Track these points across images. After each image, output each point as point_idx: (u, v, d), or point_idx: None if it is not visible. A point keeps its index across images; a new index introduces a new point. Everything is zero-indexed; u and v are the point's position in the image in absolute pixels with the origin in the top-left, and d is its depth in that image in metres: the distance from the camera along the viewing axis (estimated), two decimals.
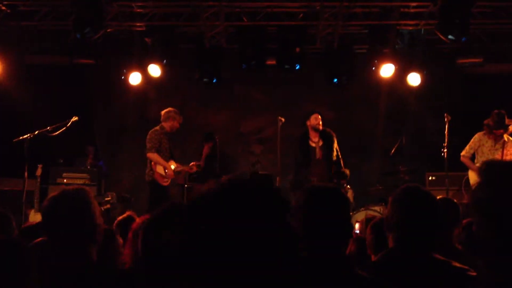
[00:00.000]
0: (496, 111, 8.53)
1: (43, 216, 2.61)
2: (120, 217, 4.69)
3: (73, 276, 2.51)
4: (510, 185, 1.72)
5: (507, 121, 8.48)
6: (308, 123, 8.89)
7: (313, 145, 8.83)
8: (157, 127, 8.64)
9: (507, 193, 1.70)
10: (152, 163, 8.53)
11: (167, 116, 8.64)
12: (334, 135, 8.93)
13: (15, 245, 2.44)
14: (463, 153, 8.85)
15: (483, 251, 1.79)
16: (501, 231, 1.70)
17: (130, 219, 4.54)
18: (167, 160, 8.60)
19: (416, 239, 2.66)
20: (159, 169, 8.52)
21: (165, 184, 8.56)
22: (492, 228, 1.72)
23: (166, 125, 8.62)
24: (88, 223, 2.56)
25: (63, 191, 2.60)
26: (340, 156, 8.89)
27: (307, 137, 8.87)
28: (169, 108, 8.76)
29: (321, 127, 8.85)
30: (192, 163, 9.08)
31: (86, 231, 2.55)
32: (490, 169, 1.84)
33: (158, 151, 8.49)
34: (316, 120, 8.83)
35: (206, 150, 10.52)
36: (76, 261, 2.51)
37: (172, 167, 8.66)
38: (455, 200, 3.94)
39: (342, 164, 8.85)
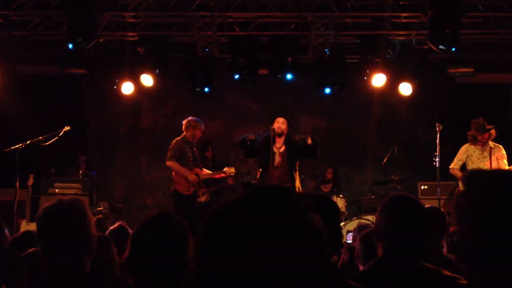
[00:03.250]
0: (474, 120, 8.68)
1: (37, 225, 2.60)
2: (112, 227, 4.69)
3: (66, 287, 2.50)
4: (492, 194, 1.73)
5: (487, 126, 8.59)
6: (271, 127, 8.54)
7: (275, 150, 8.45)
8: (179, 137, 8.54)
9: (489, 202, 1.71)
10: (173, 173, 8.43)
11: (187, 125, 8.57)
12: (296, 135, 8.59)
13: (6, 253, 2.44)
14: (451, 165, 8.91)
15: (467, 259, 1.81)
16: (484, 239, 1.70)
17: (121, 230, 4.54)
18: (192, 169, 8.48)
19: (405, 247, 2.66)
20: (178, 178, 8.40)
21: (188, 193, 8.38)
22: (475, 237, 1.73)
23: (188, 134, 8.53)
24: (83, 233, 2.55)
25: (59, 201, 2.59)
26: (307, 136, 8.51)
27: (269, 141, 8.43)
28: (189, 118, 8.69)
29: (282, 131, 8.46)
30: (226, 168, 8.84)
31: (81, 242, 2.54)
32: (473, 178, 1.84)
33: (178, 160, 8.39)
34: (277, 123, 8.45)
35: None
36: (70, 272, 2.51)
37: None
38: (442, 210, 3.97)
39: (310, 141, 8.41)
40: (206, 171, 8.82)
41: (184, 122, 8.64)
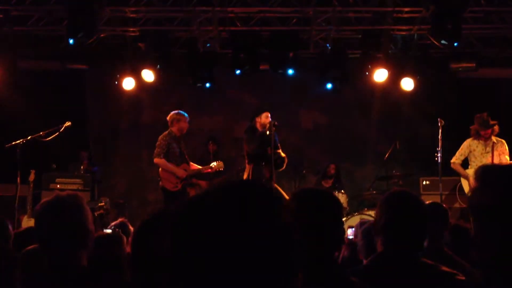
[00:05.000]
0: (478, 115, 8.67)
1: (36, 220, 2.62)
2: (113, 223, 4.70)
3: (63, 282, 2.50)
4: (509, 190, 1.68)
5: (491, 121, 8.58)
6: (258, 119, 8.56)
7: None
8: (166, 133, 8.51)
9: (507, 197, 1.67)
10: (160, 170, 8.41)
11: (171, 120, 8.55)
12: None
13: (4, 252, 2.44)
14: (453, 160, 8.91)
15: (482, 257, 1.75)
16: (502, 236, 1.66)
17: (123, 226, 4.55)
18: (179, 164, 8.49)
19: (404, 242, 2.66)
20: (165, 175, 8.39)
21: (175, 189, 8.35)
22: (492, 234, 1.69)
23: (174, 129, 8.51)
24: (80, 228, 2.57)
25: (56, 196, 2.61)
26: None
27: (268, 137, 8.37)
28: (171, 112, 8.68)
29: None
30: (213, 163, 8.79)
31: (77, 237, 2.55)
32: (487, 173, 1.78)
33: (166, 157, 8.38)
34: (267, 118, 8.48)
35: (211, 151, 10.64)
36: (67, 266, 2.51)
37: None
38: (444, 205, 3.95)
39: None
40: (194, 165, 8.77)
41: (168, 117, 8.61)
